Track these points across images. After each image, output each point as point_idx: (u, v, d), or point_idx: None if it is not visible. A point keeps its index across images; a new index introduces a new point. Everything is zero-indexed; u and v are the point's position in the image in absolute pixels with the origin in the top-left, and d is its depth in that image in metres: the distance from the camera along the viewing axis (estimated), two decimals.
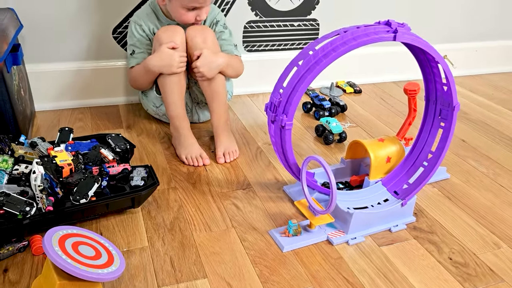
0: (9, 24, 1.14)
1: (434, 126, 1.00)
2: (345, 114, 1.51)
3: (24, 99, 1.21)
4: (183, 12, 1.16)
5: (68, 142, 1.03)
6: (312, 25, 1.60)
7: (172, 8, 1.18)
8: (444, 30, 1.82)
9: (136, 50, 1.25)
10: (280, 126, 0.87)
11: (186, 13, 1.16)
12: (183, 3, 1.14)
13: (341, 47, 0.81)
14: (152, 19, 1.24)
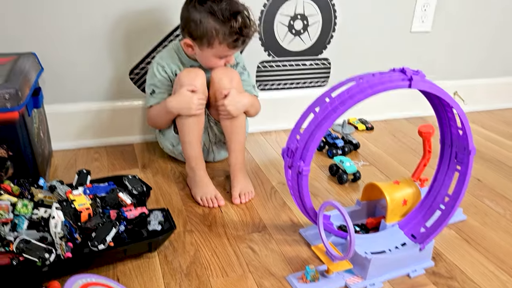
0: (31, 68, 1.17)
1: (450, 169, 1.00)
2: (358, 152, 1.51)
3: (43, 141, 1.23)
4: (215, 60, 1.20)
5: (86, 185, 1.04)
6: (323, 64, 1.63)
7: (203, 57, 1.21)
8: (454, 67, 1.84)
9: (156, 90, 1.28)
10: (298, 172, 0.88)
11: (217, 61, 1.21)
12: (217, 53, 1.18)
13: (358, 95, 0.83)
14: (175, 61, 1.27)
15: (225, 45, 1.16)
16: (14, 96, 0.99)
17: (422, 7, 1.65)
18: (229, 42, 1.15)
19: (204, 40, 1.16)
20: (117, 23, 1.35)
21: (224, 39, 1.14)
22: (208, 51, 1.18)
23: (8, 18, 1.25)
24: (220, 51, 1.18)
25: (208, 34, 1.14)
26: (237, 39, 1.15)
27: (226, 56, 1.20)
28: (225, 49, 1.17)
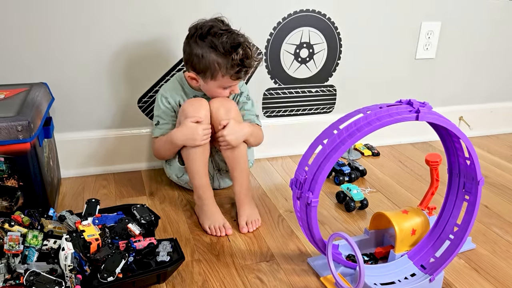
0: (43, 99, 1.19)
1: (458, 199, 1.00)
2: (365, 178, 1.51)
3: (52, 169, 1.24)
4: (219, 91, 1.23)
5: (95, 215, 1.05)
6: (329, 91, 1.65)
7: (207, 89, 1.24)
8: (459, 92, 1.85)
9: (161, 121, 1.29)
10: (306, 203, 0.88)
11: (222, 91, 1.23)
12: (221, 85, 1.21)
13: (365, 127, 0.84)
14: (178, 91, 1.30)
15: (228, 77, 1.18)
16: (27, 128, 1.01)
17: (426, 35, 1.68)
18: (231, 74, 1.18)
19: (207, 74, 1.19)
20: (126, 52, 1.38)
21: (227, 71, 1.17)
22: (212, 83, 1.21)
23: (21, 49, 1.28)
24: (224, 82, 1.20)
25: (211, 67, 1.17)
26: (239, 71, 1.18)
27: (230, 86, 1.23)
28: (229, 80, 1.20)
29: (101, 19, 1.32)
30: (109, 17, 1.32)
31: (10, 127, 1.00)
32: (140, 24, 1.35)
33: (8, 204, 1.06)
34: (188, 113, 1.19)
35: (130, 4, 1.32)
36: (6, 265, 0.88)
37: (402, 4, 1.60)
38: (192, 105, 1.20)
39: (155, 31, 1.38)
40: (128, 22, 1.34)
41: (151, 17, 1.36)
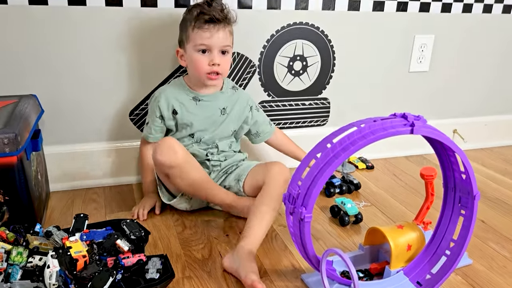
0: (32, 111, 1.17)
1: (454, 213, 0.98)
2: (359, 192, 1.50)
3: (40, 183, 1.22)
4: (197, 56, 1.20)
5: (83, 231, 1.02)
6: (323, 103, 1.64)
7: (190, 61, 1.22)
8: (453, 105, 1.85)
9: (149, 122, 1.31)
10: (299, 219, 0.86)
11: (200, 57, 1.20)
12: (195, 43, 1.19)
13: (359, 141, 0.82)
14: (176, 93, 1.27)
15: (196, 29, 1.17)
16: (13, 141, 0.98)
17: (419, 48, 1.68)
18: (198, 22, 1.17)
19: (183, 37, 1.22)
20: (117, 64, 1.36)
21: (194, 21, 1.17)
22: (189, 48, 1.20)
23: (10, 61, 1.26)
24: (195, 38, 1.18)
25: (184, 27, 1.21)
26: (203, 15, 1.16)
27: (205, 47, 1.19)
28: (198, 33, 1.17)
29: (91, 30, 1.30)
30: (100, 28, 1.31)
31: None
32: (131, 35, 1.34)
33: None
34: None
35: (121, 13, 1.31)
36: None
37: (396, 17, 1.61)
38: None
39: (146, 42, 1.36)
40: (119, 33, 1.33)
41: (142, 28, 1.34)
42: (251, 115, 1.36)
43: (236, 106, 1.32)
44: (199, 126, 1.28)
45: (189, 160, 1.20)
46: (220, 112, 1.30)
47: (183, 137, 1.29)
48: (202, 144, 1.30)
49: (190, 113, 1.27)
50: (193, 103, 1.28)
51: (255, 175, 1.25)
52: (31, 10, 1.24)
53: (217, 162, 1.31)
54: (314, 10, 1.49)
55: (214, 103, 1.29)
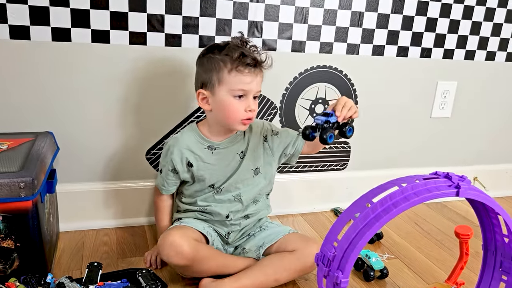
0: (48, 150, 1.13)
1: (494, 279, 0.92)
2: (381, 242, 1.43)
3: (52, 225, 1.16)
4: (232, 102, 1.09)
5: (98, 283, 0.96)
6: (343, 147, 1.60)
7: (219, 105, 1.10)
8: (474, 152, 1.81)
9: (163, 171, 1.21)
10: (334, 283, 0.80)
11: (235, 103, 1.09)
12: (231, 88, 1.07)
13: (402, 202, 0.77)
14: (189, 144, 1.17)
15: (235, 72, 1.06)
16: (30, 185, 0.93)
17: (442, 94, 1.65)
18: (239, 65, 1.06)
19: (213, 78, 1.08)
20: (136, 102, 1.33)
21: (232, 63, 1.06)
22: (221, 90, 1.08)
23: (26, 98, 1.23)
24: (233, 83, 1.07)
25: (215, 67, 1.07)
26: (245, 58, 1.06)
27: (242, 92, 1.08)
28: (237, 77, 1.06)
29: (111, 68, 1.28)
30: (120, 66, 1.28)
31: (12, 183, 0.92)
32: (151, 73, 1.31)
33: (2, 266, 0.97)
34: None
35: (140, 51, 1.28)
36: None
37: (419, 63, 1.59)
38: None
39: (166, 80, 1.33)
40: (139, 71, 1.30)
41: (163, 66, 1.32)
42: (271, 144, 1.22)
43: (251, 143, 1.20)
44: (218, 177, 1.18)
45: (199, 254, 1.07)
46: (239, 157, 1.19)
47: (202, 189, 1.19)
48: (224, 193, 1.19)
49: (207, 163, 1.17)
50: (209, 152, 1.17)
51: (287, 245, 1.16)
52: (54, 46, 1.21)
53: (237, 221, 1.21)
54: (338, 54, 1.47)
55: (231, 149, 1.19)
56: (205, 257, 1.08)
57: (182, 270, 1.10)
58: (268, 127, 1.25)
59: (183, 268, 1.08)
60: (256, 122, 1.24)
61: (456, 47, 1.61)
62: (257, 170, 1.22)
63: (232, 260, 1.16)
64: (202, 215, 1.21)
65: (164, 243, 1.05)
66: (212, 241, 1.17)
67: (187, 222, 1.17)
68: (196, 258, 1.06)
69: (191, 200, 1.21)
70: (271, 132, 1.24)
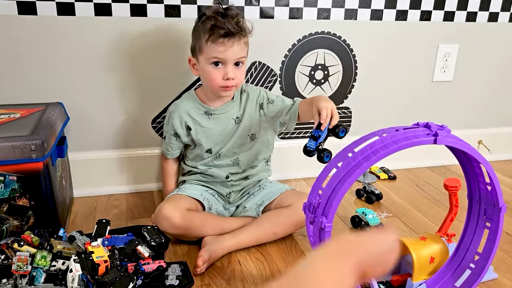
0: (58, 118, 1.20)
1: (479, 226, 0.96)
2: (381, 202, 1.47)
3: (64, 189, 1.24)
4: (210, 69, 1.15)
5: (105, 236, 1.03)
6: (344, 113, 1.63)
7: (202, 72, 1.18)
8: (478, 116, 1.81)
9: (166, 136, 1.30)
10: (320, 228, 0.85)
11: (213, 71, 1.14)
12: (208, 56, 1.13)
13: (381, 150, 0.81)
14: (188, 109, 1.25)
15: (210, 42, 1.11)
16: (40, 148, 1.01)
17: (443, 57, 1.66)
18: (211, 35, 1.10)
19: (196, 47, 1.16)
20: (141, 72, 1.39)
21: (206, 34, 1.11)
22: (202, 59, 1.15)
23: (36, 70, 1.30)
24: (209, 51, 1.12)
25: (198, 37, 1.15)
26: (217, 28, 1.10)
27: (218, 61, 1.13)
28: (212, 47, 1.11)
29: (115, 38, 1.33)
30: (124, 36, 1.34)
31: (24, 146, 1.00)
32: (153, 44, 1.36)
33: (19, 223, 1.06)
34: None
35: (142, 23, 1.34)
36: (13, 285, 0.87)
37: (419, 26, 1.59)
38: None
39: (168, 51, 1.38)
40: (140, 42, 1.36)
41: (164, 36, 1.37)
42: (266, 111, 1.26)
43: (247, 109, 1.26)
44: (214, 141, 1.25)
45: (192, 222, 1.14)
46: (234, 122, 1.25)
47: (202, 154, 1.27)
48: (223, 158, 1.26)
49: (204, 128, 1.24)
50: (206, 117, 1.24)
51: (284, 201, 1.22)
52: (59, 20, 1.27)
53: (238, 182, 1.28)
54: (336, 20, 1.49)
55: (227, 115, 1.25)
56: (199, 224, 1.16)
57: (179, 237, 1.18)
58: (265, 95, 1.28)
59: (180, 236, 1.17)
60: (253, 89, 1.29)
61: (457, 8, 1.61)
62: (253, 136, 1.27)
63: (228, 222, 1.22)
64: (204, 177, 1.28)
65: (159, 215, 1.14)
66: (210, 206, 1.24)
67: (185, 189, 1.24)
68: (189, 226, 1.14)
69: (194, 164, 1.28)
70: (267, 100, 1.28)
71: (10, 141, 1.00)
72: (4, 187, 1.02)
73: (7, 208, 1.04)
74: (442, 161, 1.78)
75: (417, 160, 1.77)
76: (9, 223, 1.05)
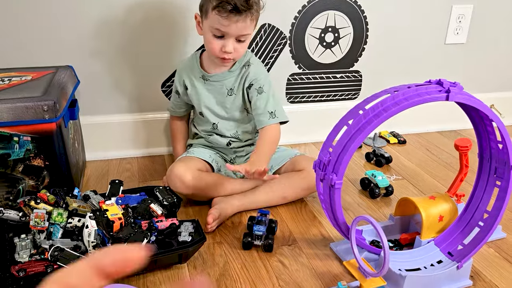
0: (68, 81, 1.21)
1: (489, 184, 0.96)
2: (390, 166, 1.48)
3: (77, 151, 1.26)
4: (210, 38, 1.13)
5: (119, 195, 1.05)
6: (355, 76, 1.61)
7: (204, 35, 1.17)
8: (490, 79, 1.79)
9: (172, 93, 1.33)
10: (330, 185, 0.86)
11: (213, 41, 1.13)
12: (212, 25, 1.11)
13: (392, 107, 0.81)
14: (189, 70, 1.26)
15: (216, 11, 1.08)
16: (52, 108, 1.02)
17: (456, 18, 1.62)
18: (218, 7, 1.07)
19: (204, 9, 1.12)
20: (151, 37, 1.38)
21: (214, 3, 1.08)
22: (205, 24, 1.13)
23: (46, 32, 1.30)
24: (213, 21, 1.10)
25: (205, 0, 1.12)
26: (226, 4, 1.06)
27: (220, 33, 1.11)
28: (216, 17, 1.09)
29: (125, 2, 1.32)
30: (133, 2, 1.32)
31: (37, 106, 1.01)
32: (162, 9, 1.35)
33: (34, 183, 1.08)
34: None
35: None
36: (32, 240, 0.89)
37: None
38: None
39: (180, 13, 1.37)
40: (150, 7, 1.34)
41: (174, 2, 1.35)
42: (250, 96, 1.23)
43: (245, 83, 1.23)
44: (206, 106, 1.25)
45: (202, 182, 1.15)
46: (227, 93, 1.23)
47: (202, 120, 1.28)
48: (221, 130, 1.27)
49: (198, 91, 1.25)
50: (202, 81, 1.24)
51: (295, 166, 1.22)
52: None
53: (241, 149, 1.29)
54: None
55: (222, 83, 1.23)
56: (210, 184, 1.17)
57: (192, 197, 1.20)
58: (261, 82, 1.22)
59: (191, 196, 1.18)
60: (259, 71, 1.24)
61: None
62: (248, 110, 1.27)
63: (238, 183, 1.23)
64: (208, 142, 1.29)
65: (171, 174, 1.15)
66: (219, 167, 1.25)
67: (194, 151, 1.26)
68: (200, 186, 1.15)
69: (198, 128, 1.31)
70: (257, 91, 1.22)
71: (23, 101, 1.01)
72: (19, 148, 1.03)
73: (23, 168, 1.06)
74: (452, 126, 1.77)
75: (428, 125, 1.76)
76: (25, 182, 1.07)
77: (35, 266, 0.84)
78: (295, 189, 1.21)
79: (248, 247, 1.03)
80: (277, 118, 1.21)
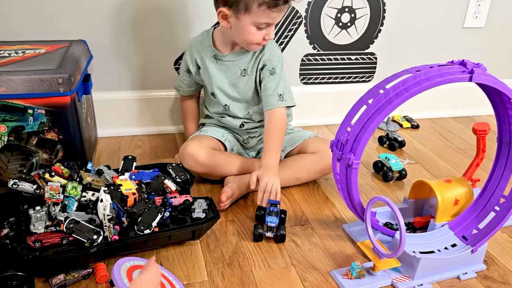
0: (82, 55, 1.19)
1: (507, 169, 0.94)
2: (403, 150, 1.47)
3: (90, 126, 1.26)
4: (253, 31, 1.08)
5: (132, 171, 1.05)
6: (370, 58, 1.59)
7: (239, 29, 1.08)
8: (509, 64, 1.75)
9: (180, 72, 1.29)
10: (347, 165, 0.85)
11: (256, 32, 1.08)
12: (256, 20, 1.05)
13: (414, 87, 0.79)
14: (200, 47, 1.21)
15: (265, 6, 1.03)
16: (67, 81, 1.01)
17: (476, 1, 1.58)
18: (269, 3, 1.02)
19: (241, 5, 1.04)
20: (164, 13, 1.36)
21: (267, 0, 1.02)
22: (245, 18, 1.05)
23: (60, 7, 1.28)
24: (260, 16, 1.04)
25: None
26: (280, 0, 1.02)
27: (266, 24, 1.07)
28: (266, 12, 1.04)
29: None
30: None
31: (51, 79, 1.00)
32: None
33: (48, 156, 1.08)
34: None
35: None
36: (47, 212, 0.90)
37: None
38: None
39: None
40: None
41: None
42: (261, 76, 1.19)
43: (259, 64, 1.18)
44: (218, 87, 1.21)
45: (215, 161, 1.15)
46: (240, 74, 1.19)
47: (214, 100, 1.25)
48: (233, 111, 1.24)
49: (209, 70, 1.20)
50: (214, 61, 1.20)
51: (309, 148, 1.21)
52: None
53: (254, 130, 1.27)
54: None
55: (235, 63, 1.19)
56: (222, 163, 1.16)
57: (204, 176, 1.19)
58: (274, 63, 1.18)
59: (204, 174, 1.18)
60: (274, 51, 1.19)
61: None
62: (258, 90, 1.22)
63: (251, 162, 1.22)
64: (220, 123, 1.28)
65: (184, 152, 1.14)
66: (232, 147, 1.24)
67: (206, 130, 1.24)
68: (212, 165, 1.14)
69: (210, 109, 1.28)
70: (269, 72, 1.18)
71: (38, 74, 1.00)
72: (33, 120, 1.03)
73: (37, 141, 1.06)
74: (467, 112, 1.74)
75: (442, 110, 1.73)
76: (38, 156, 1.07)
77: (50, 237, 0.84)
78: (309, 171, 1.20)
79: (259, 239, 1.00)
80: (285, 101, 1.18)
